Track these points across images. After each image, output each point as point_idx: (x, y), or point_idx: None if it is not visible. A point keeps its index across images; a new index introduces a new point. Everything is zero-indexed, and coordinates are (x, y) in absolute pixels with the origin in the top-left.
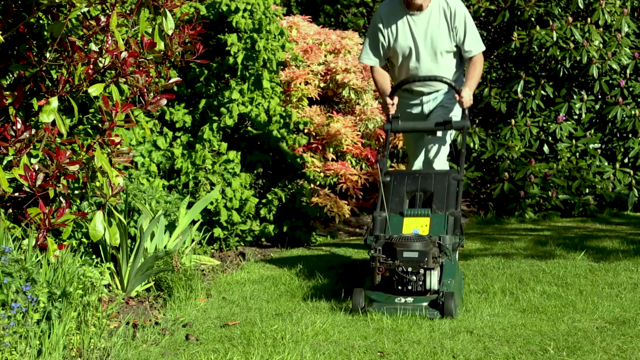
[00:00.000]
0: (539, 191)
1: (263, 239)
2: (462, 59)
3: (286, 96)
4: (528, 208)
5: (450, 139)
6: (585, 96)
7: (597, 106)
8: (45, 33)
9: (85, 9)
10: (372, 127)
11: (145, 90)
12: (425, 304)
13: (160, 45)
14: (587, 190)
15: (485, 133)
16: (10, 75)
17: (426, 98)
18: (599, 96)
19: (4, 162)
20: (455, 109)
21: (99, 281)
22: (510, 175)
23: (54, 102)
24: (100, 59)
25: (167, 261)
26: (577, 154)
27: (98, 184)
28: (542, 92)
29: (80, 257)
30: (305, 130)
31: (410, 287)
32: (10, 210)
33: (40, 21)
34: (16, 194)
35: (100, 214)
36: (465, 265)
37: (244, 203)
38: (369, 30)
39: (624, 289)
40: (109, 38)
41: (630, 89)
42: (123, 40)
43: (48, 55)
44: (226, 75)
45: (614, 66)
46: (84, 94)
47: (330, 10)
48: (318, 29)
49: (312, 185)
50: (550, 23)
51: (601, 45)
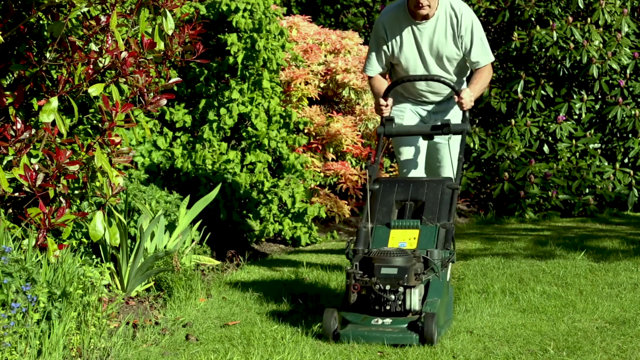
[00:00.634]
0: (539, 191)
1: (263, 239)
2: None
3: (286, 96)
4: (528, 208)
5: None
6: (585, 96)
7: (597, 106)
8: (45, 33)
9: (85, 9)
10: (372, 127)
11: (145, 90)
12: (404, 326)
13: (160, 45)
14: (587, 190)
15: (485, 133)
16: (10, 75)
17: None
18: (599, 96)
19: (4, 162)
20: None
21: (99, 281)
22: (510, 175)
23: (54, 102)
24: (100, 59)
25: (167, 261)
26: (577, 154)
27: (98, 184)
28: (542, 92)
29: (80, 257)
30: (305, 130)
31: (388, 307)
32: (10, 210)
33: (40, 21)
34: (16, 194)
35: (100, 214)
36: (465, 265)
37: (244, 203)
38: (372, 39)
39: (624, 289)
40: (109, 38)
41: (630, 89)
42: (123, 40)
43: (48, 55)
44: (226, 75)
45: (614, 66)
46: (84, 94)
47: (330, 10)
48: (318, 29)
49: (312, 185)
50: (550, 23)
51: (601, 45)
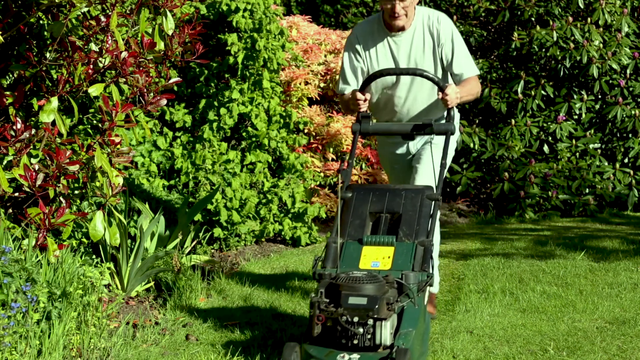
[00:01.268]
0: (539, 191)
1: (263, 239)
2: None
3: (286, 96)
4: (528, 208)
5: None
6: (585, 96)
7: (597, 106)
8: (45, 33)
9: (85, 9)
10: None
11: (145, 90)
12: None
13: (160, 45)
14: (587, 190)
15: (485, 133)
16: (10, 75)
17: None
18: (599, 96)
19: (4, 162)
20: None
21: (99, 281)
22: (510, 175)
23: (54, 102)
24: (100, 59)
25: (167, 261)
26: (577, 154)
27: (98, 184)
28: (542, 92)
29: (80, 257)
30: (305, 130)
31: (356, 342)
32: (10, 210)
33: (40, 21)
34: (16, 194)
35: (100, 214)
36: (465, 265)
37: (244, 203)
38: (345, 55)
39: (624, 289)
40: (109, 38)
41: (630, 89)
42: (123, 40)
43: (48, 55)
44: (226, 75)
45: (614, 66)
46: (84, 94)
47: (330, 10)
48: (318, 29)
49: (312, 185)
50: (551, 23)
51: (601, 45)
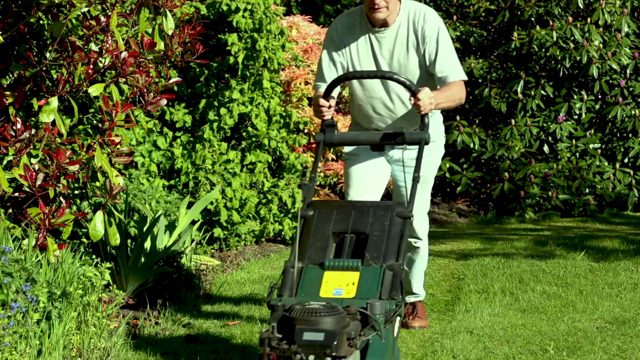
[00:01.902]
0: (539, 191)
1: (263, 239)
2: None
3: (286, 96)
4: (528, 208)
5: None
6: (585, 96)
7: (597, 106)
8: (45, 33)
9: (85, 9)
10: None
11: (145, 90)
12: None
13: (160, 45)
14: (587, 190)
15: (485, 133)
16: (10, 75)
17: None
18: (599, 96)
19: (4, 162)
20: (430, 165)
21: (99, 281)
22: (510, 175)
23: (54, 102)
24: (100, 59)
25: (167, 261)
26: (577, 154)
27: (98, 184)
28: (542, 92)
29: (80, 257)
30: (305, 130)
31: None
32: (10, 210)
33: (40, 21)
34: (16, 194)
35: (100, 214)
36: (465, 265)
37: (244, 203)
38: (323, 50)
39: (624, 289)
40: (109, 38)
41: (630, 89)
42: (123, 40)
43: (48, 55)
44: (226, 75)
45: (614, 66)
46: (84, 94)
47: (330, 10)
48: (318, 29)
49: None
50: (550, 23)
51: (601, 45)
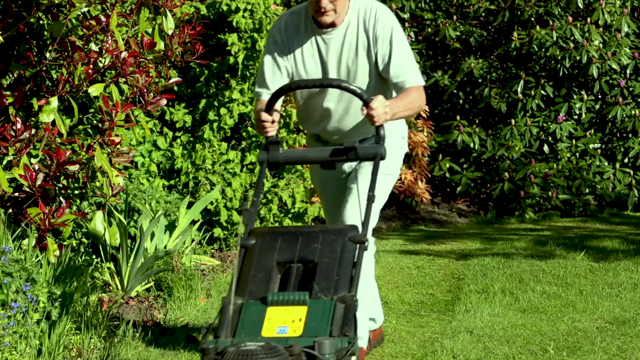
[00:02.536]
0: (539, 191)
1: None
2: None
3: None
4: (528, 208)
5: (388, 183)
6: (585, 96)
7: (597, 106)
8: (45, 33)
9: (85, 9)
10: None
11: (145, 90)
12: None
13: (160, 45)
14: (587, 190)
15: (485, 133)
16: (10, 75)
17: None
18: (599, 96)
19: (4, 162)
20: (388, 166)
21: (99, 281)
22: (510, 175)
23: (54, 102)
24: (100, 59)
25: (167, 261)
26: (577, 154)
27: (98, 184)
28: (542, 92)
29: (80, 257)
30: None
31: None
32: (10, 210)
33: (40, 21)
34: (16, 194)
35: (100, 214)
36: (465, 265)
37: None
38: (265, 53)
39: (624, 289)
40: (109, 38)
41: (630, 89)
42: (123, 40)
43: (48, 55)
44: (226, 75)
45: (614, 66)
46: (84, 94)
47: None
48: None
49: (312, 185)
50: (550, 23)
51: (601, 45)
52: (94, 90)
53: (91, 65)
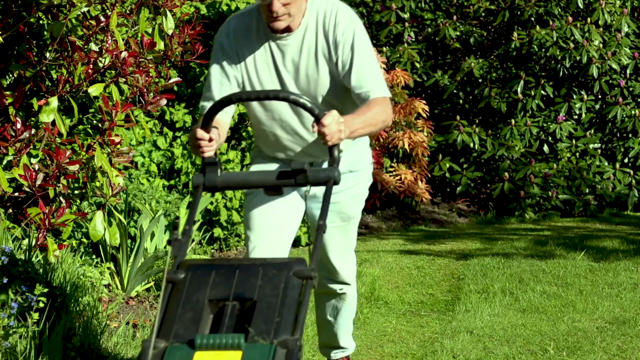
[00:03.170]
0: (539, 191)
1: None
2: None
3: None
4: (528, 208)
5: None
6: (585, 96)
7: (597, 106)
8: (45, 33)
9: (85, 9)
10: None
11: (145, 90)
12: None
13: (160, 45)
14: (587, 190)
15: (485, 133)
16: (10, 75)
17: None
18: (599, 96)
19: (4, 162)
20: (354, 199)
21: (99, 281)
22: (510, 175)
23: (54, 102)
24: (100, 58)
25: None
26: (577, 154)
27: (98, 184)
28: (542, 92)
29: (80, 257)
30: None
31: None
32: (10, 210)
33: (40, 21)
34: (16, 194)
35: (100, 214)
36: (465, 265)
37: (244, 203)
38: (212, 60)
39: (624, 289)
40: (109, 38)
41: (630, 89)
42: (123, 40)
43: (48, 55)
44: None
45: (614, 66)
46: (84, 94)
47: None
48: None
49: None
50: (550, 23)
51: (601, 45)
52: (94, 90)
53: (91, 65)
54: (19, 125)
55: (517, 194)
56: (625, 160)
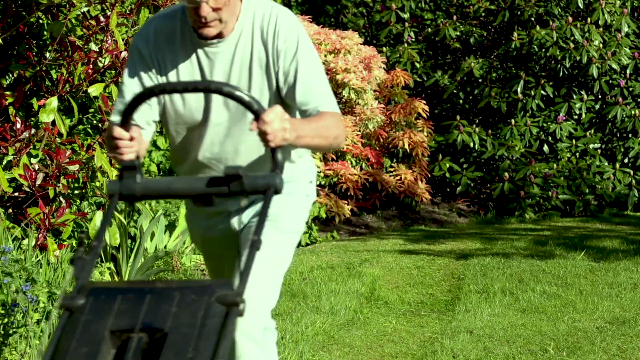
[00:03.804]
0: (539, 191)
1: None
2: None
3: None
4: (528, 208)
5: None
6: (585, 96)
7: (597, 106)
8: (45, 33)
9: (85, 9)
10: (372, 127)
11: None
12: None
13: None
14: (587, 190)
15: (485, 133)
16: (10, 75)
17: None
18: (599, 96)
19: (4, 162)
20: (292, 221)
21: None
22: (511, 175)
23: (54, 102)
24: (100, 58)
25: (167, 261)
26: (577, 154)
27: (98, 184)
28: (542, 92)
29: None
30: None
31: None
32: (10, 210)
33: (40, 21)
34: (16, 194)
35: (100, 214)
36: (465, 265)
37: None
38: (126, 67)
39: (624, 289)
40: (109, 38)
41: (630, 89)
42: (123, 40)
43: (48, 55)
44: None
45: (614, 66)
46: (84, 93)
47: (330, 10)
48: (318, 28)
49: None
50: (550, 23)
51: (601, 45)
52: (94, 90)
53: (91, 65)
54: (18, 125)
55: (517, 194)
56: (625, 160)
